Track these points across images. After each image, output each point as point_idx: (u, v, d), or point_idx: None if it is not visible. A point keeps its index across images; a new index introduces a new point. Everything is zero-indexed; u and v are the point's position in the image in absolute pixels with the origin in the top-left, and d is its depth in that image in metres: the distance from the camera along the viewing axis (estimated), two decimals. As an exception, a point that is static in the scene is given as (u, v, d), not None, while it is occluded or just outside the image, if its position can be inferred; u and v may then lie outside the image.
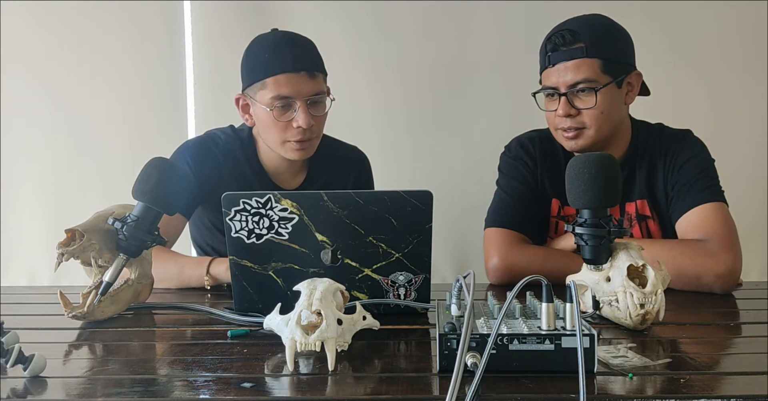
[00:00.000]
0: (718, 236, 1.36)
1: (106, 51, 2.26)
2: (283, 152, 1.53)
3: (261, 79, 1.46)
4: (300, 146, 1.50)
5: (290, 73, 1.45)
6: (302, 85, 1.45)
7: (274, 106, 1.45)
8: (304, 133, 1.48)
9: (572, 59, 1.42)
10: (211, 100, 2.27)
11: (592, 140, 1.46)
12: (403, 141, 2.32)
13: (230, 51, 2.19)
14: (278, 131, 1.49)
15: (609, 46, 1.43)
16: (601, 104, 1.42)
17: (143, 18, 2.26)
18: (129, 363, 0.87)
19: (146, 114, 2.30)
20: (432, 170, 2.29)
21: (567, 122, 1.45)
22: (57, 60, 2.26)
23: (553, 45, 1.44)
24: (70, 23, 2.26)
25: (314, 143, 1.55)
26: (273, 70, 1.45)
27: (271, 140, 1.52)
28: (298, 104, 1.46)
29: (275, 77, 1.45)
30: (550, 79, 1.46)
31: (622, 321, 1.00)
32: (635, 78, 1.48)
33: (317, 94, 1.48)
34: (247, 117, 1.56)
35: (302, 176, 1.66)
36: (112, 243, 1.12)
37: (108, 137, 2.29)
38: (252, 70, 1.49)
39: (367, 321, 0.91)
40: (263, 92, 1.47)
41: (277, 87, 1.45)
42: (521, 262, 1.43)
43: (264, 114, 1.48)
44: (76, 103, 2.28)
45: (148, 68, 2.29)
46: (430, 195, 1.06)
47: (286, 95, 1.45)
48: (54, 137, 2.29)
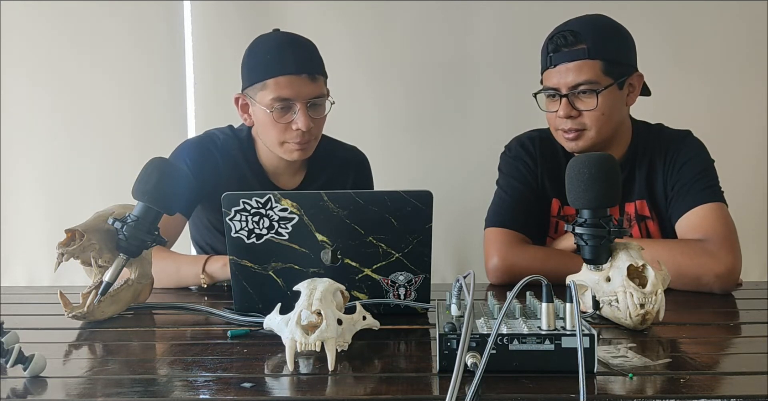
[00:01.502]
0: (717, 237, 1.36)
1: (106, 51, 2.26)
2: (281, 153, 1.53)
3: (262, 80, 1.46)
4: (299, 147, 1.50)
5: (291, 75, 1.45)
6: (303, 87, 1.45)
7: (273, 107, 1.45)
8: (303, 135, 1.48)
9: (574, 60, 1.42)
10: (211, 100, 2.27)
11: (593, 141, 1.46)
12: (403, 141, 2.32)
13: (230, 51, 2.20)
14: (277, 132, 1.49)
15: (611, 47, 1.43)
16: (603, 105, 1.42)
17: (143, 18, 2.26)
18: (129, 363, 0.87)
19: (146, 114, 2.30)
20: (432, 170, 2.29)
21: (568, 123, 1.45)
22: (57, 60, 2.26)
23: (554, 46, 1.44)
24: (71, 24, 2.26)
25: (313, 144, 1.55)
26: (274, 71, 1.45)
27: (270, 141, 1.52)
28: (298, 106, 1.46)
29: (276, 79, 1.45)
30: (551, 80, 1.45)
31: (622, 321, 1.00)
32: (636, 79, 1.48)
33: (317, 97, 1.48)
34: (246, 117, 1.56)
35: (301, 175, 1.66)
36: (112, 243, 1.12)
37: (108, 137, 2.29)
38: (253, 71, 1.49)
39: (367, 321, 0.91)
40: (263, 93, 1.46)
41: (277, 89, 1.45)
42: (521, 262, 1.43)
43: (263, 115, 1.48)
44: (76, 102, 2.28)
45: (149, 68, 2.29)
46: (430, 195, 1.06)
47: (287, 97, 1.45)
48: (54, 137, 2.29)
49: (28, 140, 2.28)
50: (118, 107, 2.28)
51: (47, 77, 2.26)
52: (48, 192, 2.29)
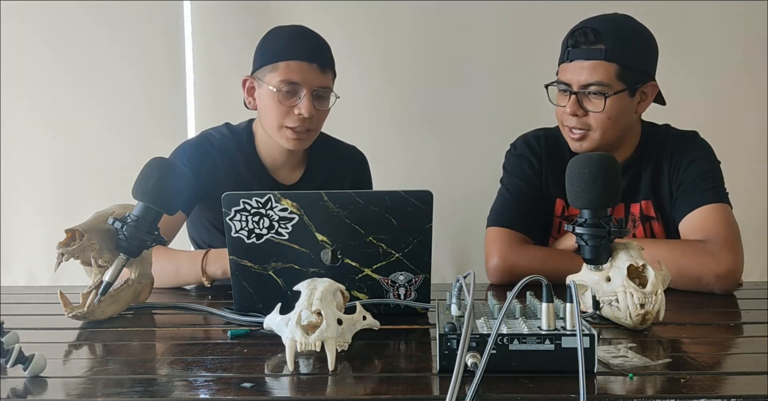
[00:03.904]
0: (719, 237, 1.36)
1: (106, 51, 2.26)
2: (279, 138, 1.53)
3: (274, 61, 1.49)
4: (296, 136, 1.51)
5: (303, 62, 1.48)
6: (312, 75, 1.48)
7: (280, 89, 1.48)
8: (303, 121, 1.50)
9: (589, 59, 1.40)
10: (211, 100, 2.27)
11: (597, 143, 1.45)
12: (403, 141, 2.31)
13: (230, 51, 2.20)
14: (279, 115, 1.50)
15: (630, 52, 1.40)
16: (610, 109, 1.41)
17: (143, 18, 2.26)
18: (129, 363, 0.87)
19: (146, 114, 2.29)
20: (432, 170, 2.29)
21: (573, 121, 1.44)
22: (57, 60, 2.26)
23: (574, 41, 1.42)
24: (71, 23, 2.25)
25: (311, 135, 1.56)
26: (288, 55, 1.48)
27: (269, 124, 1.53)
28: (304, 91, 1.48)
29: (287, 62, 1.48)
30: (565, 75, 1.44)
31: (622, 321, 1.00)
32: (651, 88, 1.45)
33: (324, 88, 1.51)
34: (251, 100, 1.58)
35: (301, 170, 1.66)
36: (112, 243, 1.12)
37: (108, 137, 2.28)
38: (267, 53, 1.52)
39: (367, 321, 0.91)
40: (273, 75, 1.49)
41: (287, 71, 1.47)
42: (521, 262, 1.42)
43: (268, 96, 1.50)
44: (75, 102, 2.27)
45: (148, 68, 2.28)
46: (430, 195, 1.06)
47: (295, 81, 1.47)
48: (53, 137, 2.28)
49: (28, 140, 2.28)
50: (118, 106, 2.28)
51: (47, 77, 2.26)
52: (48, 192, 2.29)
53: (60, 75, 2.27)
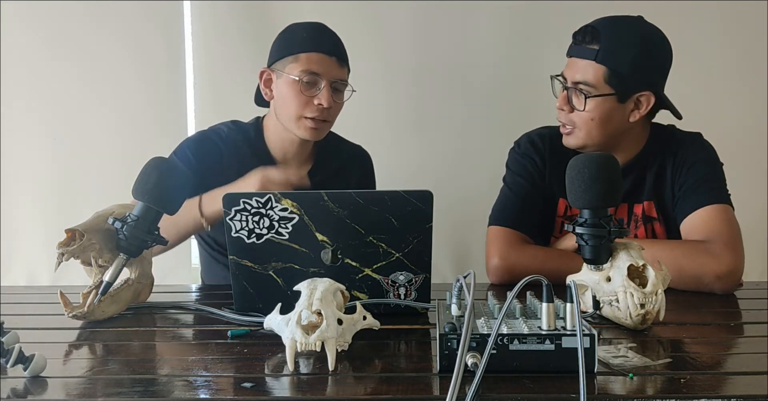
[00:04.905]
0: (720, 237, 1.35)
1: (106, 51, 2.26)
2: (296, 128, 1.57)
3: (295, 53, 1.54)
4: (314, 125, 1.55)
5: (324, 54, 1.54)
6: (332, 67, 1.54)
7: (301, 80, 1.51)
8: (322, 112, 1.54)
9: (582, 58, 1.41)
10: (211, 100, 2.26)
11: (583, 141, 1.46)
12: (402, 141, 2.31)
13: (230, 51, 2.20)
14: (298, 105, 1.54)
15: (624, 58, 1.39)
16: (593, 110, 1.42)
17: (143, 18, 2.26)
18: (129, 363, 0.87)
19: (146, 114, 2.29)
20: (432, 170, 2.29)
21: (562, 115, 1.47)
22: (57, 59, 2.26)
23: (575, 38, 1.44)
24: (71, 23, 2.25)
25: (326, 126, 1.60)
26: (309, 47, 1.54)
27: (288, 114, 1.56)
28: (323, 83, 1.53)
29: (309, 54, 1.53)
30: (564, 69, 1.47)
31: (623, 321, 1.00)
32: (646, 99, 1.43)
33: (342, 81, 1.57)
34: (267, 91, 1.61)
35: (308, 166, 1.68)
36: (112, 243, 1.12)
37: (108, 137, 2.28)
38: (287, 45, 1.57)
39: (368, 320, 0.91)
40: (294, 65, 1.53)
41: (309, 62, 1.52)
42: (522, 262, 1.42)
43: (288, 86, 1.54)
44: (75, 102, 2.27)
45: (148, 68, 2.28)
46: (431, 195, 1.06)
47: (316, 72, 1.52)
48: (53, 137, 2.28)
49: (28, 140, 2.28)
50: (118, 106, 2.28)
51: (47, 77, 2.26)
52: (48, 192, 2.29)
53: (60, 75, 2.26)
